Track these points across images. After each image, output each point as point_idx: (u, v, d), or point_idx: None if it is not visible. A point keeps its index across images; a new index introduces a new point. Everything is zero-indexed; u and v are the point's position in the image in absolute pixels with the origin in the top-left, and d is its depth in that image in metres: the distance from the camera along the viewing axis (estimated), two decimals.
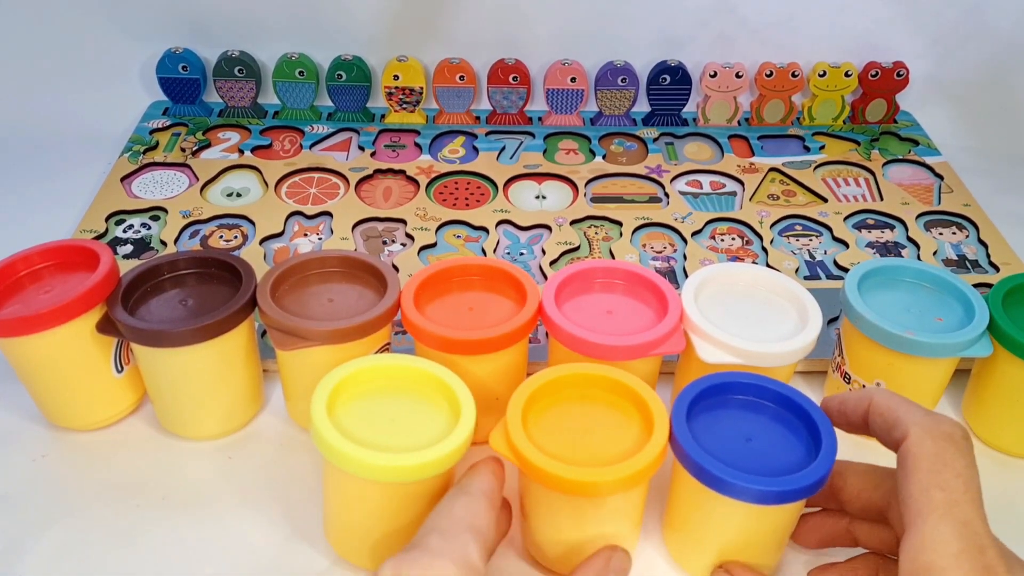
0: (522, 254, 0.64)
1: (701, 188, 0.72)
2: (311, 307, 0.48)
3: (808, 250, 0.66)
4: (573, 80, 0.79)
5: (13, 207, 0.70)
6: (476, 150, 0.76)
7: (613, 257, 0.64)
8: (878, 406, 0.38)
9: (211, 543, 0.45)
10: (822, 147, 0.78)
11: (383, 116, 0.80)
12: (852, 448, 0.52)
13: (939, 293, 0.51)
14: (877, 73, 0.79)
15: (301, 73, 0.78)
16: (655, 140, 0.79)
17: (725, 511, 0.40)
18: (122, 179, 0.71)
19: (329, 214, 0.68)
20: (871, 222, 0.69)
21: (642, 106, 0.81)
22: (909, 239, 0.67)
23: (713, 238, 0.67)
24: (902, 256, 0.65)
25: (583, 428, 0.41)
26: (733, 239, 0.67)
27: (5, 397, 0.53)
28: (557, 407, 0.43)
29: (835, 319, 0.58)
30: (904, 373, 0.48)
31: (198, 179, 0.71)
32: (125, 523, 0.46)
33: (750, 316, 0.48)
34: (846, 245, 0.66)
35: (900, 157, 0.77)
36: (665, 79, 0.79)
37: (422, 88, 0.79)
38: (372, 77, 0.80)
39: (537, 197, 0.71)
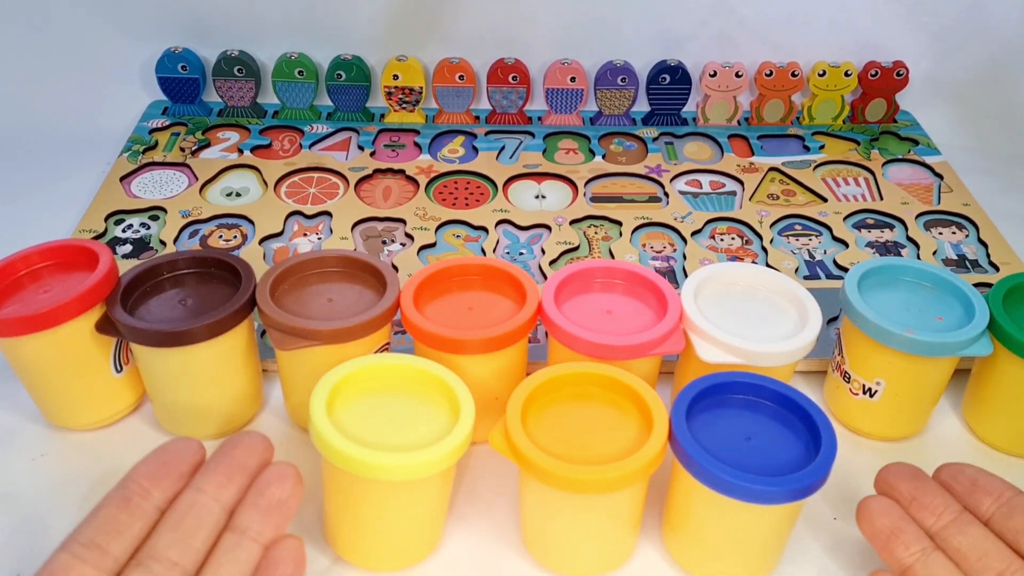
0: (522, 254, 0.64)
1: (701, 188, 0.72)
2: (310, 307, 0.48)
3: (808, 250, 0.66)
4: (573, 80, 0.79)
5: (12, 207, 0.70)
6: (476, 150, 0.76)
7: (613, 257, 0.64)
8: None
9: None
10: (822, 147, 0.78)
11: (383, 116, 0.80)
12: (852, 448, 0.52)
13: (939, 292, 0.51)
14: (877, 73, 0.79)
15: (300, 73, 0.78)
16: (655, 140, 0.79)
17: (724, 510, 0.40)
18: (121, 179, 0.71)
19: (328, 214, 0.68)
20: (871, 222, 0.69)
21: (642, 106, 0.81)
22: (909, 239, 0.67)
23: (713, 238, 0.67)
24: (902, 256, 0.65)
25: (582, 427, 0.41)
26: (733, 239, 0.67)
27: (4, 397, 0.52)
28: (556, 406, 0.43)
29: (835, 319, 0.58)
30: (904, 372, 0.48)
31: (197, 179, 0.71)
32: None
33: (750, 316, 0.48)
34: (846, 245, 0.66)
35: (900, 157, 0.77)
36: (665, 79, 0.79)
37: (422, 88, 0.79)
38: (372, 77, 0.80)
39: (537, 197, 0.71)
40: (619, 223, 0.67)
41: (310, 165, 0.73)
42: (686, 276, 0.62)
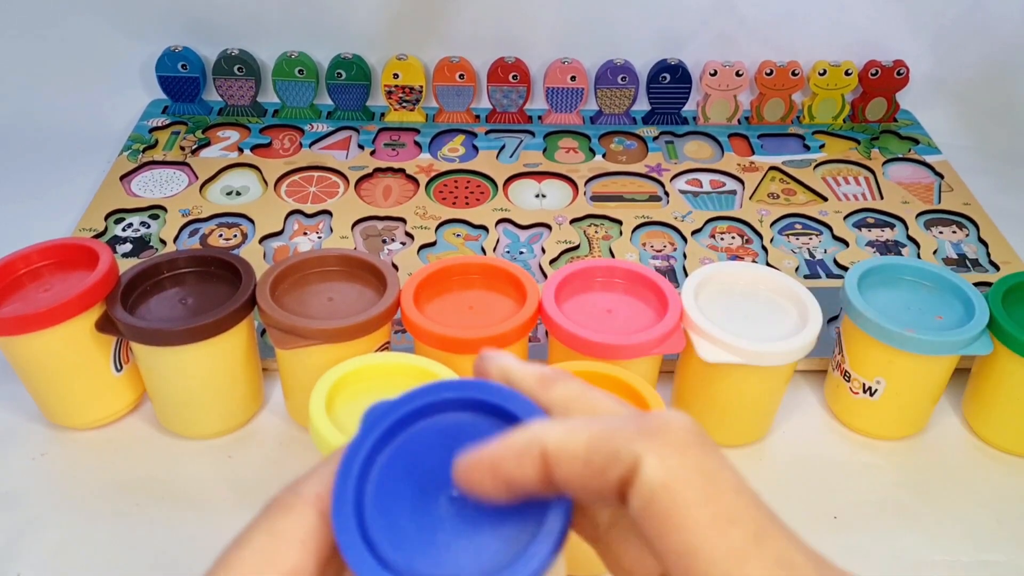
0: (522, 253, 0.64)
1: (701, 187, 0.72)
2: (311, 306, 0.48)
3: (808, 249, 0.65)
4: (573, 79, 0.79)
5: (13, 206, 0.70)
6: (476, 149, 0.76)
7: (613, 256, 0.64)
8: (560, 445, 0.22)
9: (211, 541, 0.45)
10: (822, 146, 0.78)
11: (383, 115, 0.80)
12: (852, 447, 0.52)
13: (939, 291, 0.51)
14: (877, 72, 0.79)
15: (301, 71, 0.78)
16: (655, 139, 0.79)
17: None
18: (121, 178, 0.71)
19: (329, 213, 0.68)
20: (871, 221, 0.69)
21: (642, 105, 0.81)
22: (909, 238, 0.67)
23: (713, 237, 0.67)
24: (902, 255, 0.65)
25: None
26: (733, 238, 0.66)
27: (5, 396, 0.52)
28: None
29: (835, 318, 0.58)
30: (904, 371, 0.48)
31: (197, 178, 0.71)
32: (125, 521, 0.46)
33: (750, 315, 0.48)
34: (846, 244, 0.66)
35: (900, 156, 0.77)
36: (665, 78, 0.79)
37: (422, 86, 0.79)
38: (372, 75, 0.80)
39: (537, 196, 0.71)
40: (619, 222, 0.67)
41: (310, 164, 0.73)
42: (686, 275, 0.62)
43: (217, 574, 0.23)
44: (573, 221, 0.67)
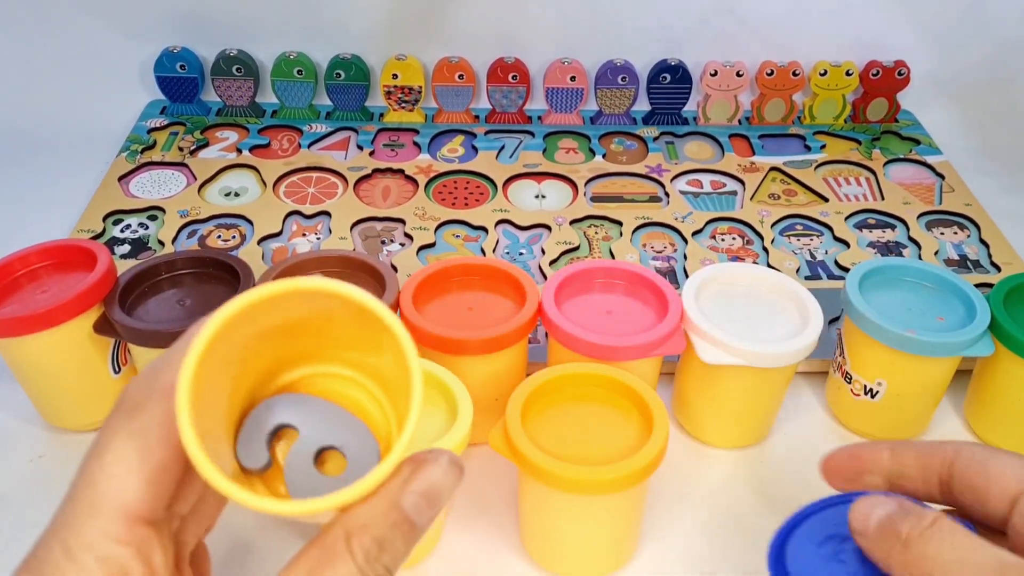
0: (521, 254, 0.64)
1: (701, 187, 0.72)
2: None
3: (809, 250, 0.65)
4: (573, 79, 0.79)
5: (10, 207, 0.70)
6: (475, 149, 0.76)
7: (613, 257, 0.64)
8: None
9: (209, 542, 0.45)
10: (823, 146, 0.78)
11: (382, 115, 0.80)
12: None
13: (940, 292, 0.51)
14: (878, 72, 0.79)
15: (299, 72, 0.78)
16: (655, 139, 0.78)
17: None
18: (120, 179, 0.71)
19: (327, 214, 0.67)
20: (872, 222, 0.69)
21: (642, 105, 0.81)
22: (910, 239, 0.67)
23: (713, 238, 0.66)
24: (903, 256, 0.65)
25: (582, 427, 0.41)
26: (734, 239, 0.66)
27: (2, 397, 0.52)
28: (556, 407, 0.42)
29: (836, 319, 0.58)
30: (906, 372, 0.48)
31: (196, 178, 0.71)
32: None
33: (751, 316, 0.48)
34: (847, 245, 0.66)
35: (901, 156, 0.77)
36: (665, 78, 0.79)
37: (421, 87, 0.79)
38: (371, 76, 0.80)
39: (537, 196, 0.71)
40: (619, 223, 0.67)
41: (309, 165, 0.73)
42: (687, 276, 0.62)
43: (81, 486, 0.24)
44: (573, 222, 0.67)
